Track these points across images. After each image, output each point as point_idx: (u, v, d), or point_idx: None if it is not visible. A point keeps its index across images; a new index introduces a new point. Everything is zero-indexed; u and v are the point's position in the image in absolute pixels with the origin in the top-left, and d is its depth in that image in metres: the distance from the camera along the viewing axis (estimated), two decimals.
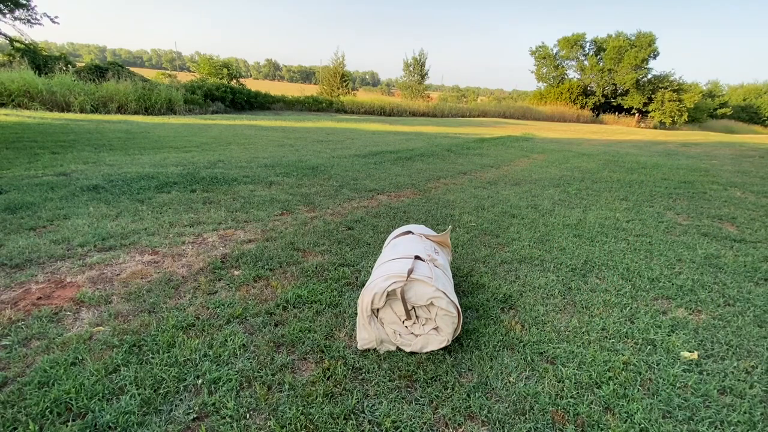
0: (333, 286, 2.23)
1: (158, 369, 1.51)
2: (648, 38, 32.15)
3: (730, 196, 5.09)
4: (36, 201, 3.35)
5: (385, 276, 1.66)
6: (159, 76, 20.42)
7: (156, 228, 2.98)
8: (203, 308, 1.96)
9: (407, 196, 4.46)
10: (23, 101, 11.50)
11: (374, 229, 3.23)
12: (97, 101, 12.66)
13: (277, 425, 1.29)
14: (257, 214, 3.46)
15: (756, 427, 1.39)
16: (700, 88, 35.13)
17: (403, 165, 6.37)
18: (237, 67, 25.21)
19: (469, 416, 1.39)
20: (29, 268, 2.25)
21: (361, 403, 1.41)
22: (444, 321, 1.65)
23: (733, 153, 10.77)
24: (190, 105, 15.55)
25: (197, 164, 5.35)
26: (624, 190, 5.22)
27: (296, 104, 21.86)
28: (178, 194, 3.90)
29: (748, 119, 43.20)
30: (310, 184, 4.71)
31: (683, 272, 2.66)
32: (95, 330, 1.74)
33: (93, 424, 1.26)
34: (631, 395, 1.51)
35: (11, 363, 1.52)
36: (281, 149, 7.34)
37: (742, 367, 1.70)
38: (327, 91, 27.66)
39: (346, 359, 1.63)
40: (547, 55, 37.59)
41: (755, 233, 3.55)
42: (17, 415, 1.28)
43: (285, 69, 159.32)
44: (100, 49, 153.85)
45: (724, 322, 2.05)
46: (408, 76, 33.06)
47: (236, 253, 2.60)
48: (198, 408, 1.35)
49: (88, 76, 14.91)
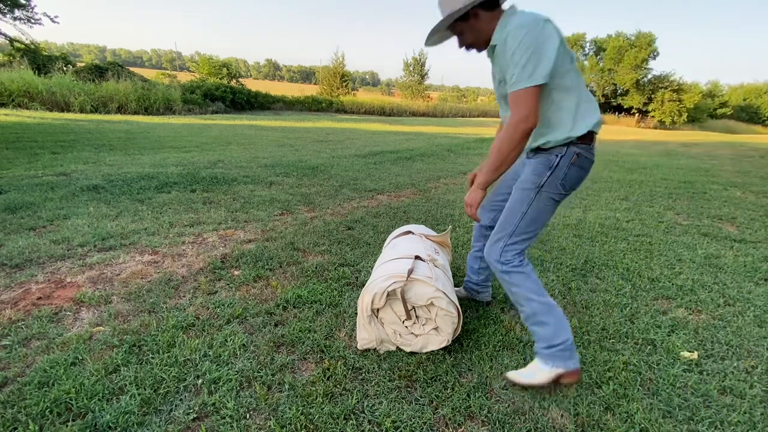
0: (333, 286, 2.23)
1: (158, 369, 1.51)
2: (648, 38, 32.17)
3: (730, 196, 5.09)
4: (36, 201, 3.35)
5: (385, 276, 1.66)
6: (159, 76, 20.44)
7: (156, 228, 2.98)
8: (203, 308, 1.96)
9: (407, 196, 4.46)
10: (23, 101, 11.50)
11: (374, 229, 3.23)
12: (97, 101, 12.67)
13: (277, 425, 1.29)
14: (257, 214, 3.46)
15: (756, 427, 1.39)
16: (700, 88, 35.16)
17: (403, 165, 6.38)
18: (237, 67, 25.24)
19: (469, 416, 1.39)
20: (29, 268, 2.25)
21: (361, 403, 1.41)
22: (444, 321, 1.65)
23: (733, 153, 10.77)
24: (189, 105, 15.54)
25: (197, 164, 5.35)
26: (624, 190, 5.22)
27: (296, 104, 21.88)
28: (178, 194, 3.90)
29: (748, 119, 43.21)
30: (310, 184, 4.71)
31: (683, 272, 2.66)
32: (95, 330, 1.74)
33: (93, 424, 1.26)
34: (631, 395, 1.51)
35: (11, 363, 1.52)
36: (281, 149, 7.34)
37: (742, 367, 1.70)
38: (327, 91, 27.68)
39: (346, 359, 1.63)
40: None
41: (755, 233, 3.54)
42: (17, 415, 1.28)
43: (285, 69, 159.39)
44: (100, 49, 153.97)
45: (724, 322, 2.05)
46: (408, 76, 33.10)
47: (236, 253, 2.60)
48: (198, 408, 1.35)
49: (88, 76, 14.92)
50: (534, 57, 1.23)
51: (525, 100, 1.26)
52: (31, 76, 12.24)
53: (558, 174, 1.37)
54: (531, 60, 1.23)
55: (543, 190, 1.39)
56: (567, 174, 1.37)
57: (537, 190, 1.40)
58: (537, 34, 1.23)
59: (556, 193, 1.40)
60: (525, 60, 1.23)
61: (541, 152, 1.42)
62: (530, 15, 1.29)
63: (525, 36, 1.23)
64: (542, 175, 1.39)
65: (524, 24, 1.25)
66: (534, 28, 1.24)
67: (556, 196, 1.42)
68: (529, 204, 1.42)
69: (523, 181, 1.46)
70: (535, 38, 1.23)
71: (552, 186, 1.39)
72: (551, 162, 1.38)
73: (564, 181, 1.39)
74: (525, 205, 1.43)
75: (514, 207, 1.46)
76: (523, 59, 1.23)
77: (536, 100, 1.26)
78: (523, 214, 1.43)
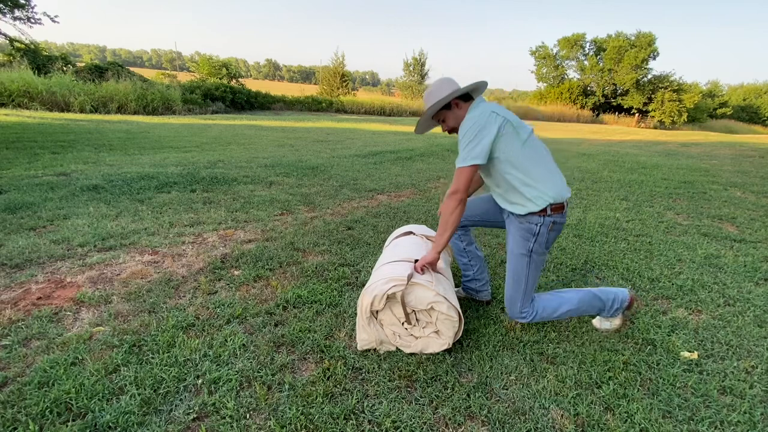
0: (333, 286, 2.23)
1: (158, 369, 1.51)
2: (648, 38, 32.14)
3: (730, 196, 5.09)
4: (36, 201, 3.35)
5: (386, 279, 1.66)
6: (159, 76, 20.41)
7: (156, 228, 2.98)
8: (203, 308, 1.96)
9: (407, 196, 4.46)
10: (23, 101, 11.50)
11: (374, 229, 3.23)
12: (97, 101, 12.66)
13: (277, 425, 1.29)
14: (257, 214, 3.46)
15: (756, 427, 1.39)
16: (700, 88, 35.17)
17: (403, 165, 6.37)
18: (237, 66, 25.20)
19: (469, 416, 1.39)
20: (29, 268, 2.25)
21: (361, 403, 1.41)
22: (445, 325, 1.65)
23: (733, 153, 10.77)
24: (189, 105, 15.53)
25: (197, 164, 5.35)
26: (624, 190, 5.22)
27: (296, 104, 21.85)
28: (178, 194, 3.90)
29: (748, 119, 43.21)
30: (310, 184, 4.71)
31: (683, 272, 2.66)
32: (95, 330, 1.74)
33: (93, 424, 1.26)
34: (631, 395, 1.51)
35: (11, 363, 1.52)
36: (281, 149, 7.34)
37: (742, 367, 1.70)
38: (327, 91, 27.64)
39: (346, 359, 1.63)
40: (547, 55, 37.58)
41: (755, 233, 3.54)
42: (17, 415, 1.28)
43: (285, 69, 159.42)
44: (100, 49, 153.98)
45: (724, 322, 2.05)
46: (408, 76, 33.05)
47: (236, 253, 2.60)
48: (198, 408, 1.35)
49: (88, 76, 14.91)
50: (472, 143, 1.54)
51: (458, 176, 1.57)
52: (31, 76, 12.23)
53: (541, 240, 1.66)
54: (469, 145, 1.54)
55: (533, 253, 1.68)
56: (547, 239, 1.67)
57: (529, 254, 1.68)
58: (481, 124, 1.54)
59: (542, 251, 1.70)
60: (465, 144, 1.55)
61: (519, 217, 1.67)
62: (481, 108, 1.61)
63: (471, 126, 1.56)
64: (529, 240, 1.66)
65: (473, 116, 1.58)
66: (479, 120, 1.55)
67: (543, 254, 1.72)
68: (527, 267, 1.70)
69: (514, 247, 1.71)
70: (478, 129, 1.54)
71: (539, 247, 1.67)
72: (533, 230, 1.65)
73: (546, 244, 1.68)
74: (525, 269, 1.70)
75: (518, 274, 1.71)
76: (464, 144, 1.56)
77: (468, 178, 1.57)
78: (527, 278, 1.70)
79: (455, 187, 1.59)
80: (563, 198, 1.63)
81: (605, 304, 1.83)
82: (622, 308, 1.87)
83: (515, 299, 1.74)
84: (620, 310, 1.87)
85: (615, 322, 1.91)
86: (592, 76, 35.54)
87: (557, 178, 1.65)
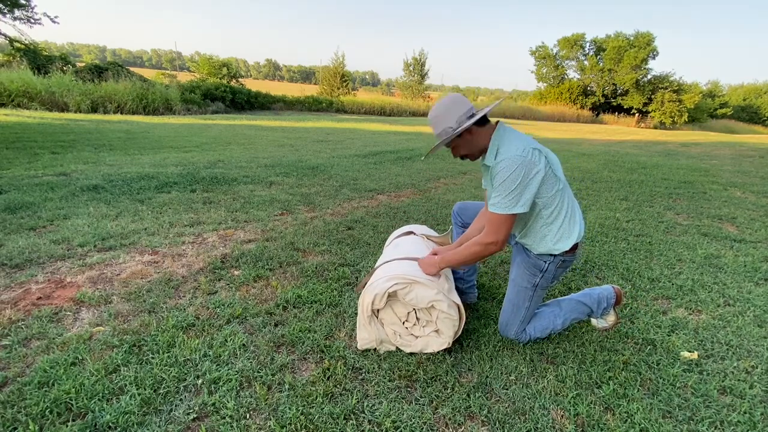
0: (333, 286, 2.23)
1: (158, 369, 1.51)
2: (646, 38, 32.15)
3: (730, 196, 5.09)
4: (36, 201, 3.35)
5: (387, 277, 1.66)
6: (159, 76, 20.42)
7: (156, 228, 2.98)
8: (203, 308, 1.96)
9: (407, 196, 4.46)
10: (23, 101, 11.50)
11: (374, 229, 3.23)
12: (97, 101, 12.66)
13: (277, 425, 1.29)
14: (257, 214, 3.46)
15: (756, 427, 1.39)
16: (700, 88, 35.16)
17: (403, 165, 6.37)
18: (237, 66, 25.21)
19: (469, 416, 1.39)
20: (29, 268, 2.25)
21: (361, 403, 1.41)
22: (445, 324, 1.65)
23: (733, 153, 10.77)
24: (188, 105, 15.52)
25: (197, 164, 5.35)
26: (624, 190, 5.22)
27: (296, 104, 21.85)
28: (178, 194, 3.90)
29: (748, 119, 43.23)
30: (310, 184, 4.71)
31: (683, 272, 2.66)
32: (95, 330, 1.74)
33: (93, 424, 1.26)
34: (631, 395, 1.51)
35: (11, 363, 1.52)
36: (281, 149, 7.34)
37: (742, 367, 1.70)
38: (327, 91, 27.65)
39: (346, 359, 1.63)
40: (547, 55, 37.59)
41: (755, 233, 3.55)
42: (17, 415, 1.28)
43: (285, 69, 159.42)
44: (100, 49, 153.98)
45: (724, 322, 2.05)
46: (408, 76, 33.03)
47: (236, 253, 2.60)
48: (198, 408, 1.35)
49: (88, 76, 14.90)
50: (517, 190, 1.43)
51: (498, 225, 1.47)
52: (31, 77, 12.22)
53: (548, 276, 1.66)
54: (514, 191, 1.43)
55: (537, 288, 1.68)
56: (555, 275, 1.66)
57: (534, 288, 1.67)
58: (527, 167, 1.42)
59: (547, 286, 1.71)
60: (509, 191, 1.43)
61: (530, 251, 1.65)
62: (521, 143, 1.46)
63: (515, 170, 1.41)
64: (536, 275, 1.65)
65: (516, 156, 1.42)
66: (524, 162, 1.42)
67: (547, 287, 1.73)
68: (530, 300, 1.70)
69: (518, 278, 1.70)
70: (524, 172, 1.42)
71: (544, 282, 1.68)
72: (541, 267, 1.63)
73: (553, 279, 1.68)
74: (527, 301, 1.70)
75: (518, 304, 1.71)
76: (508, 190, 1.43)
77: (509, 227, 1.47)
78: (527, 308, 1.71)
79: (495, 237, 1.47)
80: (579, 239, 1.59)
81: (591, 308, 1.85)
82: (610, 305, 1.89)
83: (511, 325, 1.74)
84: (609, 307, 1.90)
85: (609, 319, 1.93)
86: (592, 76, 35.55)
87: (579, 223, 1.60)
